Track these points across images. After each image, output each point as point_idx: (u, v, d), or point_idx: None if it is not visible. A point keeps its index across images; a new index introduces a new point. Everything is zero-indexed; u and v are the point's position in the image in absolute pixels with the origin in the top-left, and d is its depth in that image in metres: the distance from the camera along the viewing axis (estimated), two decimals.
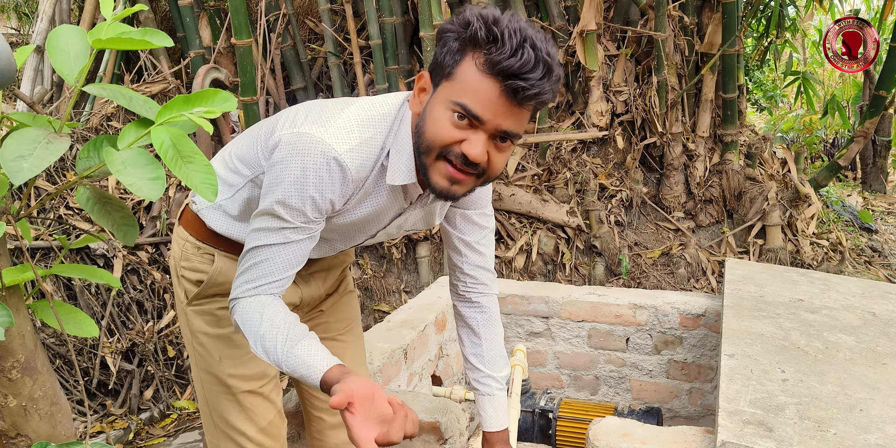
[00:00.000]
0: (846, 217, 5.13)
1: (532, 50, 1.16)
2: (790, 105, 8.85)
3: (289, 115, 1.35)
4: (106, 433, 3.04)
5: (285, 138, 1.27)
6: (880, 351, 1.96)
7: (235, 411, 1.56)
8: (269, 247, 1.29)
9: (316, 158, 1.23)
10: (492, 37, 1.16)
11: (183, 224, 1.56)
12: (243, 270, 1.31)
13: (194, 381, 1.62)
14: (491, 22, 1.17)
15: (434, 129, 1.22)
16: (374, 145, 1.29)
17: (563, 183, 3.93)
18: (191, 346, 1.58)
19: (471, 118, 1.19)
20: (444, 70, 1.22)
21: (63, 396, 1.17)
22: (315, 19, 4.45)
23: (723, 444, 1.48)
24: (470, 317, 1.69)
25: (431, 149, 1.23)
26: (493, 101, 1.18)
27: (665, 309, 2.68)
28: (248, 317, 1.28)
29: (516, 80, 1.16)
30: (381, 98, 1.36)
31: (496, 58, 1.15)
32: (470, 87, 1.18)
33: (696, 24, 4.13)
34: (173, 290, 1.63)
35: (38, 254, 3.21)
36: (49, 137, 0.94)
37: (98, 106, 3.98)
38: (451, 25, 1.22)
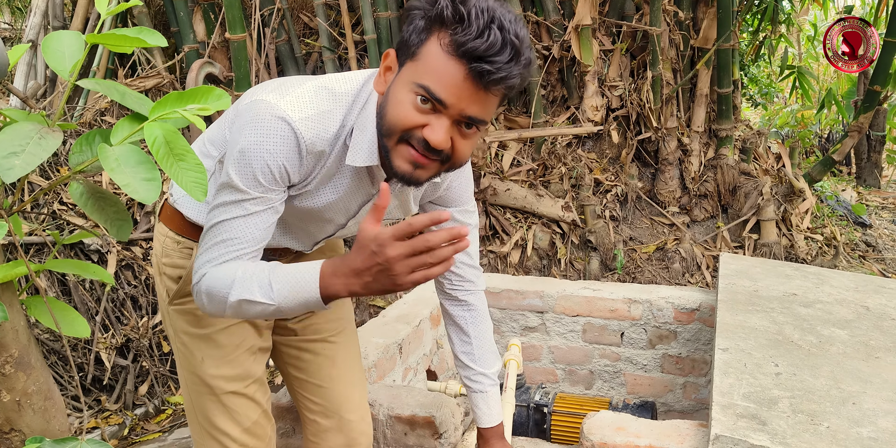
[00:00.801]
0: (840, 212, 5.15)
1: (499, 31, 1.10)
2: (785, 100, 8.86)
3: (253, 89, 1.32)
4: (101, 429, 3.04)
5: (244, 107, 1.24)
6: (873, 345, 1.97)
7: (218, 412, 1.55)
8: (230, 221, 1.24)
9: (269, 124, 1.19)
10: (458, 16, 1.11)
11: (162, 219, 1.53)
12: (207, 248, 1.25)
13: (180, 379, 1.61)
14: (458, 0, 1.11)
15: (395, 112, 1.17)
16: (333, 119, 1.25)
17: (558, 178, 3.93)
18: (174, 346, 1.57)
19: (434, 102, 1.14)
20: (410, 49, 1.17)
21: (57, 391, 1.17)
22: (310, 14, 4.44)
23: (716, 437, 1.49)
24: (458, 315, 1.68)
25: (392, 132, 1.18)
26: (457, 84, 1.13)
27: (660, 303, 2.69)
28: (214, 280, 1.22)
29: (482, 62, 1.11)
30: (346, 74, 1.31)
31: (461, 38, 1.10)
32: (434, 69, 1.13)
33: (691, 19, 4.13)
34: (156, 289, 1.60)
35: (32, 249, 3.20)
36: (41, 133, 0.94)
37: (92, 101, 3.96)
38: (419, 2, 1.17)
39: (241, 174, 1.21)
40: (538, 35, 4.04)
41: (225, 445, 1.57)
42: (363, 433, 1.72)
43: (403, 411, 1.82)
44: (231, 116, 1.35)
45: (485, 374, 1.69)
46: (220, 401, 1.54)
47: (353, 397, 1.71)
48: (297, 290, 1.16)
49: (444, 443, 1.81)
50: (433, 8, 1.13)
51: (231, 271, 1.21)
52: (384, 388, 1.93)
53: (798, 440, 1.46)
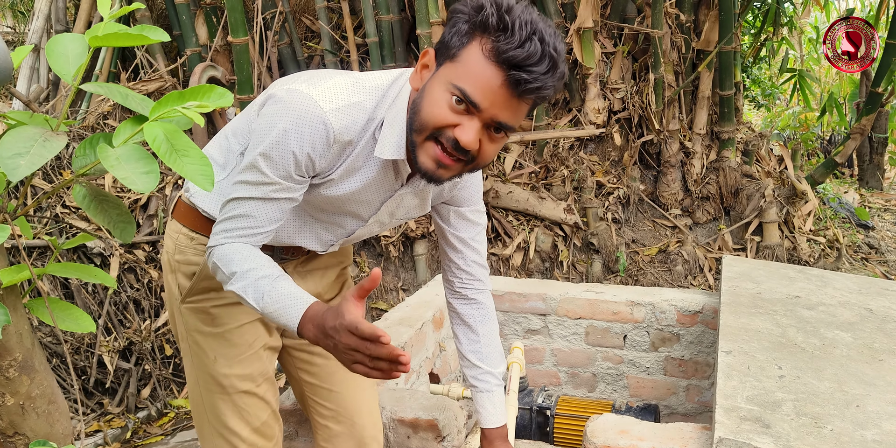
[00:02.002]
0: (843, 214, 5.14)
1: (540, 43, 1.14)
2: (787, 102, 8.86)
3: (283, 79, 1.35)
4: (103, 432, 3.04)
5: (277, 92, 1.27)
6: (877, 347, 1.97)
7: (230, 411, 1.55)
8: (249, 200, 1.28)
9: (300, 113, 1.22)
10: (502, 25, 1.14)
11: (176, 217, 1.54)
12: (223, 219, 1.31)
13: (188, 379, 1.61)
14: (504, 10, 1.15)
15: (430, 110, 1.21)
16: (363, 110, 1.28)
17: (560, 180, 3.93)
18: (185, 345, 1.57)
19: (468, 104, 1.18)
20: (450, 51, 1.20)
21: (60, 395, 1.17)
22: (312, 17, 4.44)
23: (720, 440, 1.48)
24: (467, 314, 1.69)
25: (424, 128, 1.22)
26: (493, 89, 1.16)
27: (662, 306, 2.68)
28: (227, 257, 1.27)
29: (520, 71, 1.15)
30: (377, 72, 1.35)
31: (503, 46, 1.14)
32: (473, 72, 1.17)
33: (693, 22, 4.13)
34: (166, 288, 1.60)
35: (35, 252, 3.21)
36: (46, 135, 0.94)
37: (94, 104, 3.97)
38: (464, 7, 1.20)
39: (267, 160, 1.24)
40: None
41: (235, 445, 1.57)
42: (374, 439, 1.73)
43: (406, 414, 1.82)
44: (257, 107, 1.36)
45: (491, 373, 1.69)
46: (232, 400, 1.55)
47: (365, 402, 1.72)
48: (281, 314, 1.23)
49: (447, 446, 1.81)
50: (478, 14, 1.17)
51: (241, 261, 1.26)
52: (387, 391, 1.93)
53: (802, 443, 1.46)
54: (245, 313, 1.53)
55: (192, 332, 1.53)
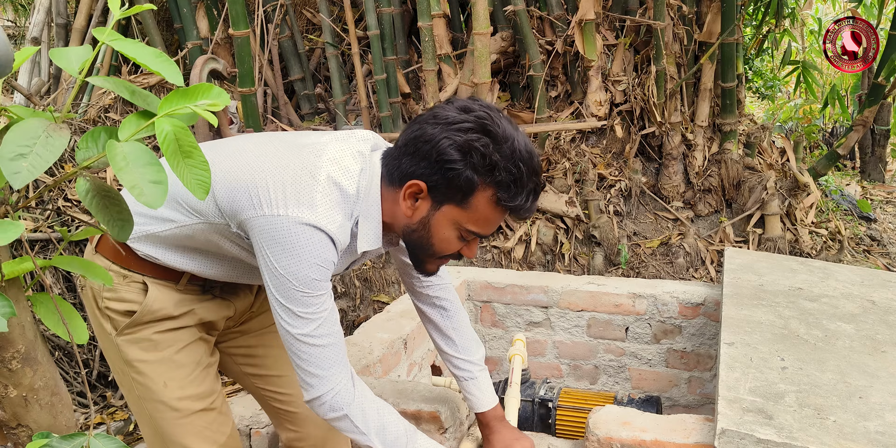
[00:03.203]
0: (845, 206, 5.13)
1: (538, 185, 1.33)
2: (789, 94, 8.83)
3: (260, 184, 1.31)
4: (106, 424, 3.05)
5: (279, 226, 1.27)
6: (880, 339, 1.97)
7: (192, 434, 1.52)
8: (323, 323, 1.34)
9: (318, 240, 1.29)
10: (514, 181, 1.28)
11: (102, 252, 1.48)
12: (314, 365, 1.35)
13: (137, 415, 1.56)
14: (507, 157, 1.27)
15: (444, 246, 1.38)
16: (347, 216, 1.35)
17: (561, 173, 3.92)
18: (126, 379, 1.51)
19: (477, 236, 1.37)
20: (455, 195, 1.31)
21: (63, 387, 1.17)
22: (313, 10, 4.43)
23: (722, 431, 1.49)
24: (433, 313, 1.73)
25: (435, 255, 1.41)
26: (497, 223, 1.37)
27: (664, 298, 2.68)
28: (364, 413, 1.41)
29: (522, 212, 1.33)
30: (342, 161, 1.35)
31: (512, 203, 1.30)
32: (483, 218, 1.33)
33: (695, 13, 4.11)
34: (91, 323, 1.56)
35: (37, 246, 3.21)
36: (49, 130, 0.93)
37: (96, 97, 3.96)
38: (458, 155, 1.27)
39: (311, 286, 1.31)
40: (542, 30, 4.03)
41: None
42: None
43: (409, 406, 1.82)
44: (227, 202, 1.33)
45: (470, 361, 1.73)
46: (191, 422, 1.52)
47: None
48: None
49: (449, 437, 1.81)
50: (483, 167, 1.27)
51: (377, 416, 1.42)
52: (389, 383, 1.93)
53: (805, 434, 1.46)
54: (186, 334, 1.52)
55: (135, 363, 1.49)
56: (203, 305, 1.53)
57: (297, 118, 4.35)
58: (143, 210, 1.42)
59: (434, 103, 3.90)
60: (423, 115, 1.34)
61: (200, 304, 1.52)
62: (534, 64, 3.87)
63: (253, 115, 3.73)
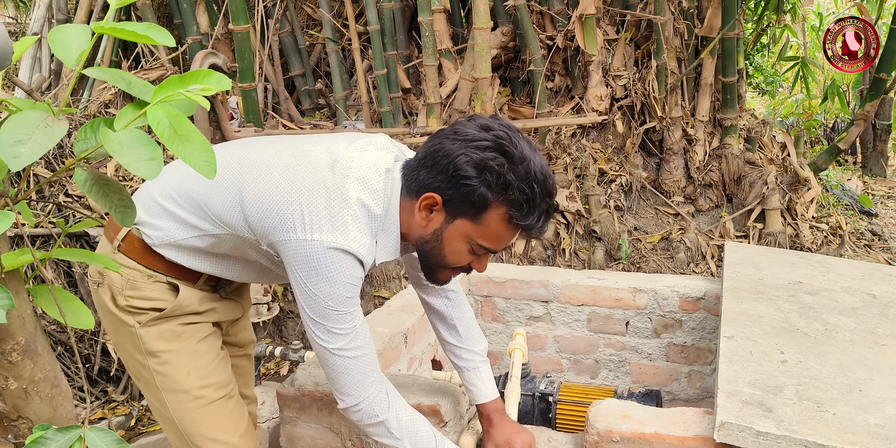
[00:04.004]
0: (846, 201, 5.13)
1: (550, 206, 1.37)
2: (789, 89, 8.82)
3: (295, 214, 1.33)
4: (107, 419, 3.06)
5: (314, 247, 1.31)
6: (880, 332, 1.97)
7: (213, 422, 1.55)
8: (355, 337, 1.40)
9: (348, 263, 1.33)
10: (527, 201, 1.32)
11: (129, 253, 1.49)
12: (351, 375, 1.41)
13: (155, 408, 1.58)
14: (521, 177, 1.30)
15: (455, 258, 1.42)
16: (373, 235, 1.40)
17: (562, 168, 3.92)
18: (147, 373, 1.53)
19: (487, 251, 1.41)
20: (469, 209, 1.34)
21: (63, 379, 1.17)
22: (313, 5, 4.42)
23: (722, 424, 1.49)
24: (438, 303, 1.75)
25: (446, 267, 1.45)
26: (508, 240, 1.40)
27: (665, 292, 2.68)
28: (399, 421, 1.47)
29: (532, 232, 1.38)
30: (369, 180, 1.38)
31: (524, 222, 1.34)
32: (494, 234, 1.37)
33: (696, 8, 4.10)
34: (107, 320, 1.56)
35: (38, 241, 3.21)
36: (47, 121, 0.94)
37: (96, 93, 3.96)
38: (474, 171, 1.31)
39: (343, 304, 1.37)
40: (542, 25, 4.02)
41: None
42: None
43: (409, 400, 1.82)
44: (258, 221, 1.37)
45: (473, 351, 1.76)
46: (213, 410, 1.55)
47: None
48: None
49: (449, 431, 1.82)
50: (498, 184, 1.31)
51: (411, 425, 1.48)
52: (390, 377, 1.93)
53: (804, 427, 1.46)
54: (205, 327, 1.58)
55: (158, 354, 1.51)
56: (221, 304, 1.61)
57: (298, 114, 4.35)
58: (170, 218, 1.46)
59: (434, 100, 3.89)
60: (445, 130, 1.38)
61: (219, 302, 1.60)
62: (534, 59, 3.87)
63: (253, 110, 3.73)
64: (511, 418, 1.81)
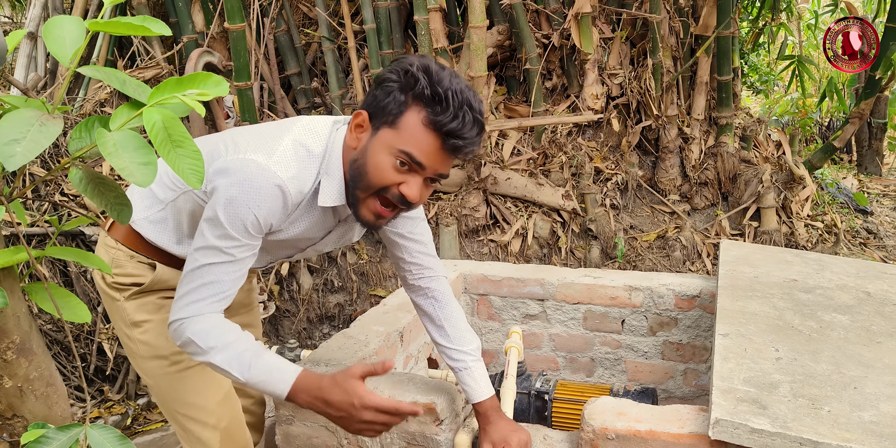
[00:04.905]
0: (841, 199, 5.14)
1: (470, 111, 1.32)
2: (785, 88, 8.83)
3: (229, 141, 1.43)
4: (104, 418, 3.06)
5: (234, 164, 1.36)
6: (875, 330, 1.98)
7: (189, 387, 1.63)
8: (218, 265, 1.37)
9: (262, 183, 1.34)
10: (437, 97, 1.30)
11: (114, 235, 1.61)
12: (190, 290, 1.37)
13: (143, 376, 1.68)
14: (435, 80, 1.31)
15: (377, 173, 1.35)
16: (310, 173, 1.40)
17: (558, 166, 3.92)
18: (134, 342, 1.64)
19: (413, 164, 1.34)
20: (387, 117, 1.34)
21: (59, 378, 1.17)
22: (309, 4, 4.42)
23: (717, 421, 1.49)
24: (426, 304, 1.77)
25: (370, 188, 1.37)
26: (434, 152, 1.34)
27: (660, 290, 2.69)
28: (203, 332, 1.35)
29: (456, 139, 1.32)
30: (312, 125, 1.46)
31: (440, 119, 1.30)
32: (414, 138, 1.33)
33: (691, 7, 4.10)
34: (102, 301, 1.72)
35: (34, 240, 3.21)
36: (42, 119, 0.94)
37: (92, 92, 3.96)
38: (395, 76, 1.35)
39: (232, 224, 1.34)
40: (538, 23, 4.02)
41: (204, 421, 1.64)
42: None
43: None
44: (211, 171, 1.42)
45: (464, 352, 1.76)
46: (191, 376, 1.63)
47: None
48: (269, 381, 1.36)
49: (444, 429, 1.82)
50: (413, 86, 1.32)
51: (220, 336, 1.36)
52: (385, 376, 1.94)
53: (799, 424, 1.46)
54: None
55: (141, 323, 1.62)
56: None
57: (294, 112, 4.34)
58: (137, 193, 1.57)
59: None
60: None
61: None
62: (530, 57, 3.87)
63: (249, 109, 3.72)
64: (507, 416, 1.82)
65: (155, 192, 1.56)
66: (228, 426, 1.67)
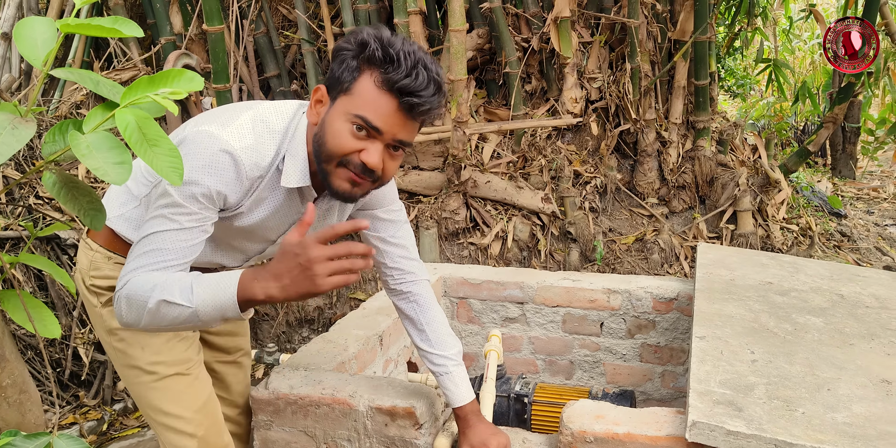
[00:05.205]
0: (816, 202, 5.21)
1: (424, 70, 1.29)
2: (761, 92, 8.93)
3: (193, 120, 1.44)
4: (79, 424, 3.02)
5: (188, 136, 1.36)
6: (847, 332, 2.00)
7: (166, 397, 1.62)
8: (162, 233, 1.33)
9: (212, 150, 1.32)
10: (388, 57, 1.28)
11: (91, 236, 1.62)
12: (135, 257, 1.33)
13: (123, 382, 1.71)
14: (386, 43, 1.29)
15: (335, 140, 1.32)
16: (269, 147, 1.38)
17: (538, 170, 3.94)
18: (111, 349, 1.64)
19: (370, 129, 1.31)
20: (343, 85, 1.33)
21: (32, 384, 1.16)
22: (288, 6, 4.40)
23: (693, 423, 1.51)
24: (407, 308, 1.77)
25: (332, 158, 1.33)
26: (390, 114, 1.30)
27: (638, 293, 2.71)
28: (138, 285, 1.28)
29: (411, 97, 1.29)
30: (277, 105, 1.45)
31: (393, 77, 1.27)
32: (369, 101, 1.30)
33: (669, 12, 4.14)
34: (83, 302, 1.71)
35: (8, 244, 3.16)
36: (14, 122, 0.92)
37: (67, 94, 3.91)
38: (348, 45, 1.33)
39: (181, 192, 1.31)
40: (517, 27, 4.04)
41: (181, 430, 1.63)
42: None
43: (384, 402, 1.82)
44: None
45: (445, 357, 1.76)
46: (166, 385, 1.62)
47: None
48: (215, 293, 1.23)
49: (424, 433, 1.82)
50: (364, 50, 1.30)
51: (153, 277, 1.29)
52: (365, 380, 1.93)
53: (774, 426, 1.48)
54: None
55: (117, 331, 1.60)
56: None
57: None
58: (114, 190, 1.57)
59: None
60: None
61: None
62: (510, 61, 3.89)
63: None
64: (487, 420, 1.83)
65: (130, 188, 1.55)
66: (206, 435, 1.66)
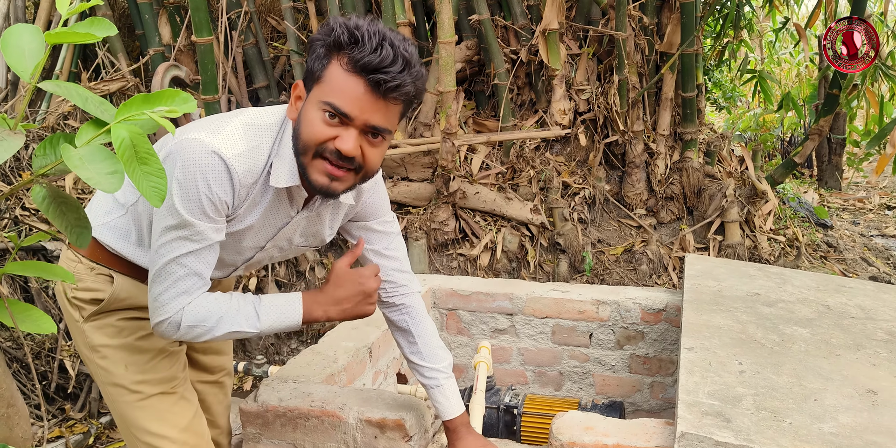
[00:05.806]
0: (802, 213, 5.24)
1: (391, 47, 1.26)
2: (748, 104, 9.02)
3: (181, 129, 1.41)
4: (65, 438, 2.99)
5: (176, 146, 1.33)
6: (834, 342, 2.02)
7: (150, 416, 1.58)
8: (188, 255, 1.35)
9: (205, 159, 1.31)
10: (353, 39, 1.26)
11: (73, 246, 1.60)
12: (169, 286, 1.36)
13: (105, 399, 1.64)
14: (352, 27, 1.27)
15: (308, 130, 1.31)
16: (261, 153, 1.37)
17: (526, 181, 3.95)
18: (93, 365, 1.60)
19: (340, 116, 1.28)
20: (314, 75, 1.32)
21: (20, 398, 1.15)
22: (277, 17, 4.41)
23: (682, 435, 1.51)
24: (399, 320, 1.76)
25: (307, 148, 1.32)
26: (359, 97, 1.27)
27: (627, 304, 2.72)
28: (201, 314, 1.36)
29: (377, 73, 1.25)
30: (267, 109, 1.45)
31: (357, 56, 1.25)
32: (337, 87, 1.28)
33: (656, 24, 4.18)
34: (63, 316, 1.69)
35: None
36: (3, 135, 0.93)
37: (55, 105, 3.90)
38: (318, 35, 1.33)
39: (189, 209, 1.31)
40: (506, 39, 4.06)
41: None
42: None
43: (373, 414, 1.82)
44: (161, 157, 1.40)
45: (436, 369, 1.76)
46: (151, 404, 1.59)
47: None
48: (281, 319, 1.41)
49: (414, 445, 1.81)
50: (330, 36, 1.29)
51: (215, 308, 1.38)
52: (354, 392, 1.93)
53: (762, 436, 1.49)
54: (147, 323, 1.58)
55: (99, 348, 1.58)
56: None
57: None
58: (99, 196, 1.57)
59: None
60: None
61: None
62: (499, 73, 3.91)
63: None
64: (476, 432, 1.82)
65: (116, 196, 1.54)
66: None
